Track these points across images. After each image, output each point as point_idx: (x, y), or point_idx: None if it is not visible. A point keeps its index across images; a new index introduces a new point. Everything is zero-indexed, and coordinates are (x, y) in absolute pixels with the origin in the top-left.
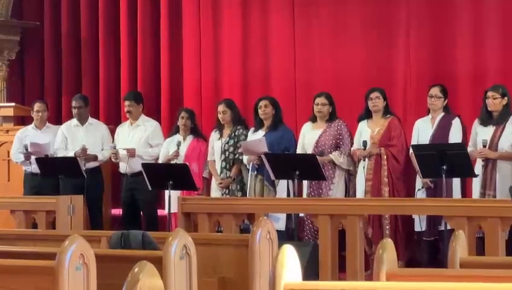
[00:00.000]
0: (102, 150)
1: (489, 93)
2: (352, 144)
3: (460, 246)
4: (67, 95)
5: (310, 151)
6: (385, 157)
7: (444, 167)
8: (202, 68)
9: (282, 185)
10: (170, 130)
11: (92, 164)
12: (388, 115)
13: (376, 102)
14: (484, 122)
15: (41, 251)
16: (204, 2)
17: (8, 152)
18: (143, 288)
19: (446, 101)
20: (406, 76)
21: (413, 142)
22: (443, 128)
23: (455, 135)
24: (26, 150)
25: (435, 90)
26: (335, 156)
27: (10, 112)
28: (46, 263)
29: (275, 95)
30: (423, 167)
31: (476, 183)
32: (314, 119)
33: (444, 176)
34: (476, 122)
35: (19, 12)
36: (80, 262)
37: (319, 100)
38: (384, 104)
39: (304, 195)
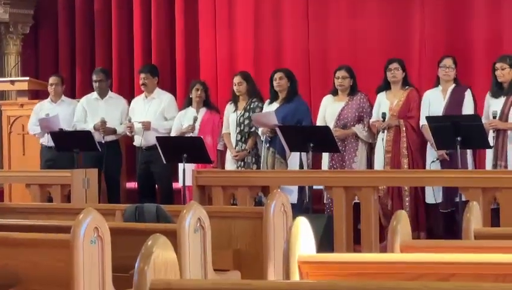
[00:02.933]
0: (121, 124)
1: (498, 65)
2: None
3: (474, 217)
4: (81, 68)
5: (331, 124)
6: (404, 129)
7: (459, 139)
8: (217, 40)
9: (294, 158)
10: None
11: (110, 138)
12: (407, 87)
13: (395, 73)
14: (495, 94)
15: (56, 225)
16: None
17: (23, 126)
18: (157, 261)
19: (456, 72)
20: (421, 47)
21: (424, 113)
22: (456, 100)
23: (468, 107)
24: None
25: (449, 61)
26: (358, 129)
27: (25, 86)
28: (61, 236)
29: (289, 67)
30: (438, 138)
31: (489, 155)
32: (335, 93)
33: (458, 147)
34: (488, 94)
35: None
36: (94, 235)
37: (339, 74)
38: (403, 75)
39: (325, 167)
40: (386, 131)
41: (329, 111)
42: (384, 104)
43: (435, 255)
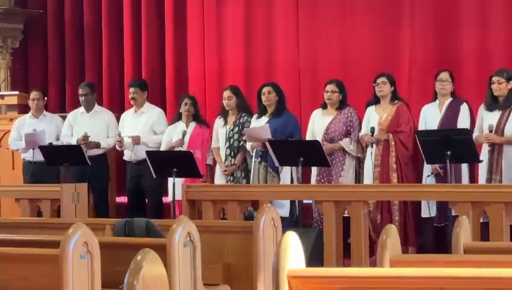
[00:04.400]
0: (107, 137)
1: (494, 78)
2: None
3: (464, 232)
4: (71, 83)
5: (319, 138)
6: (393, 143)
7: (448, 153)
8: (206, 55)
9: (286, 172)
10: None
11: (96, 152)
12: (396, 101)
13: (382, 87)
14: (490, 107)
15: (46, 239)
16: None
17: None
18: (146, 275)
19: (453, 86)
20: (411, 61)
21: (421, 127)
22: (452, 113)
23: (463, 120)
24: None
25: (445, 75)
26: (345, 143)
27: (14, 101)
28: (50, 251)
29: (278, 81)
30: (427, 152)
31: (483, 169)
32: (324, 106)
33: (448, 161)
34: (482, 107)
35: (22, 0)
36: (84, 250)
37: (329, 87)
38: (392, 89)
39: (313, 182)
40: (374, 145)
41: (317, 125)
42: (374, 118)
43: (424, 269)
